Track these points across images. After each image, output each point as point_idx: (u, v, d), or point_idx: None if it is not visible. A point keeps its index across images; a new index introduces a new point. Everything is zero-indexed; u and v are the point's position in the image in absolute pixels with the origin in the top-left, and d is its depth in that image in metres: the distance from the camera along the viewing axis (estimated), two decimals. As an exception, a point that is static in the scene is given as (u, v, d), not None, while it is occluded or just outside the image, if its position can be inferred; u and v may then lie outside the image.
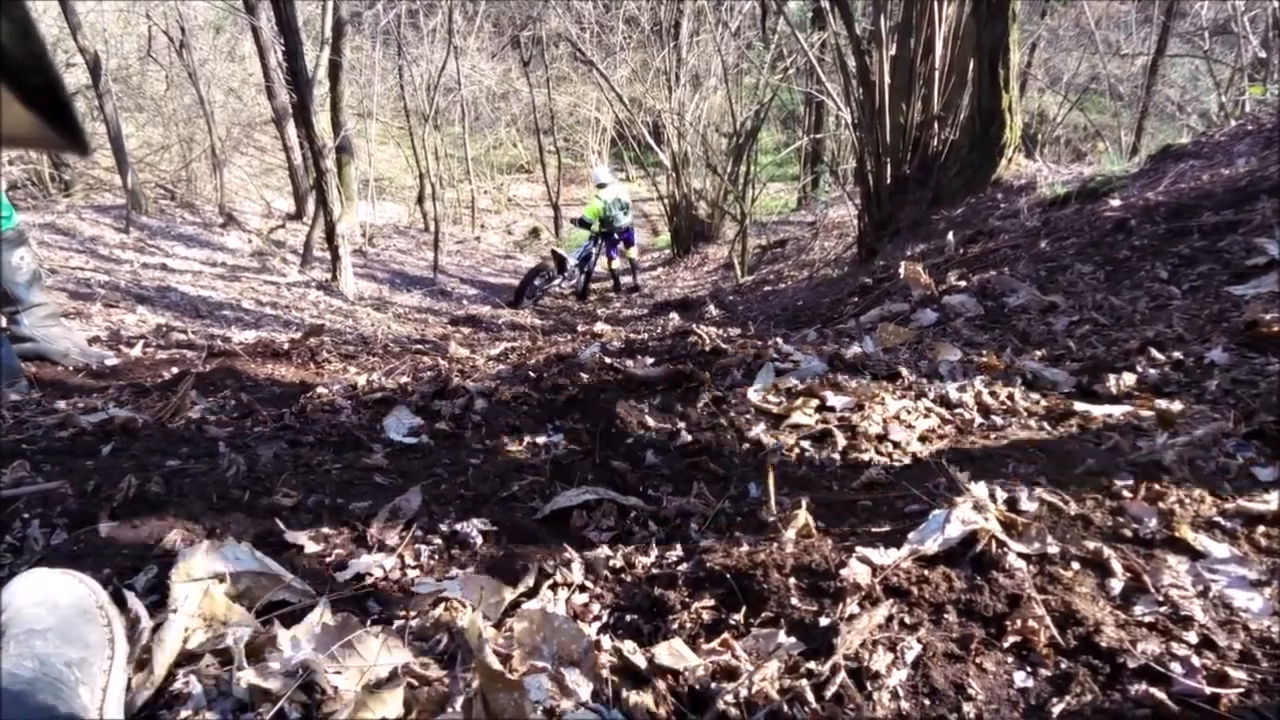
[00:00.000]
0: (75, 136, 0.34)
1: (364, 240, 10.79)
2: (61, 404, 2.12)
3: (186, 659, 0.93)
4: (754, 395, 1.82)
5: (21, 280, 2.78)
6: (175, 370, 2.80)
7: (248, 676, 0.86)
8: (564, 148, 17.72)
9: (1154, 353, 1.94)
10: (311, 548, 1.28)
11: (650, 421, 1.79)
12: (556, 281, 9.22)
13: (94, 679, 0.81)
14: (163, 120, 11.14)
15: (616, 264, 9.88)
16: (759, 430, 1.69)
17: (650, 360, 2.15)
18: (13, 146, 0.34)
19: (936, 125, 5.20)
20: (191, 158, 10.57)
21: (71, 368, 2.84)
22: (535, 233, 16.21)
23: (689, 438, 1.71)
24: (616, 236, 9.65)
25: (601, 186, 9.70)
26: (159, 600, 1.04)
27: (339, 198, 6.91)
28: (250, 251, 8.45)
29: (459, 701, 0.79)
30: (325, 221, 6.87)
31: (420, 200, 13.61)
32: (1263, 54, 7.49)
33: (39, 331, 2.83)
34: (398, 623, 1.00)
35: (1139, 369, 1.88)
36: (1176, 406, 1.56)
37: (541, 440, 1.82)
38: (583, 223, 9.59)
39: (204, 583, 1.02)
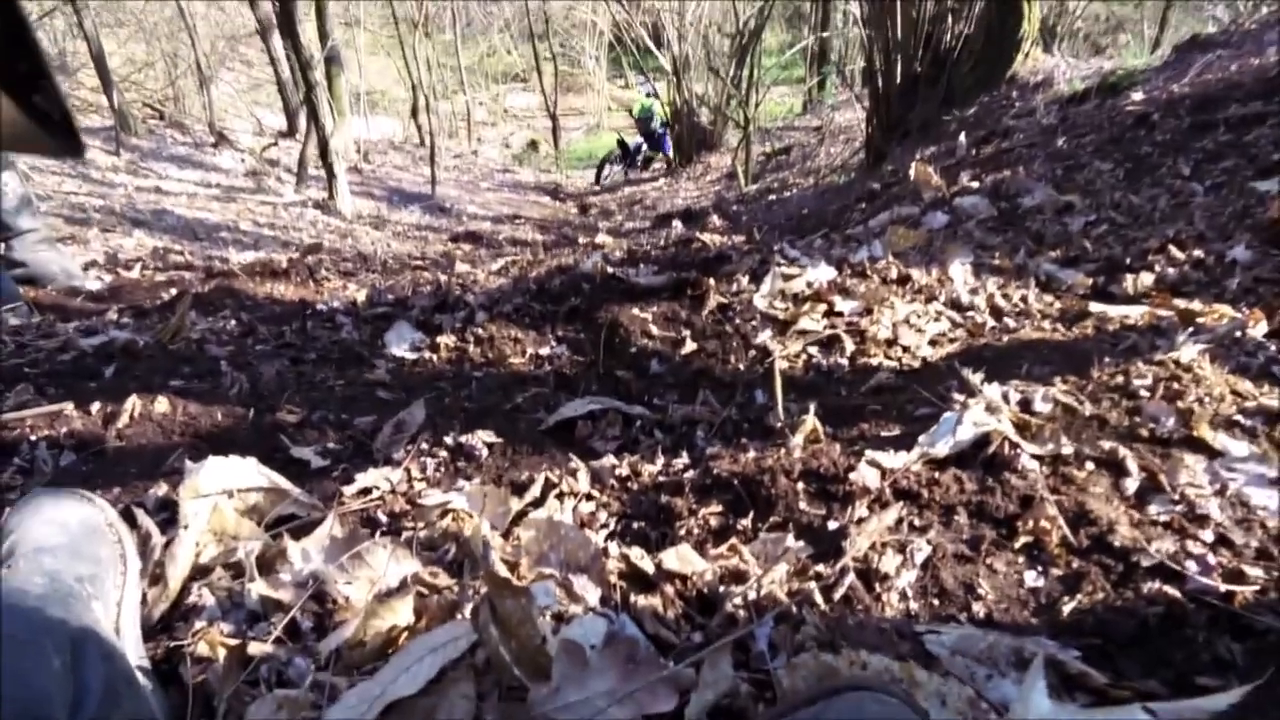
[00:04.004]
0: (71, 141, 0.35)
1: (359, 157, 10.53)
2: (62, 327, 2.10)
3: (199, 573, 0.93)
4: (760, 301, 1.78)
5: (9, 206, 2.73)
6: (174, 291, 2.77)
7: (259, 588, 0.87)
8: (560, 54, 17.08)
9: (1174, 251, 1.89)
10: (317, 463, 1.28)
11: (654, 330, 1.76)
12: (627, 163, 12.42)
13: (107, 594, 0.81)
14: (144, 35, 10.73)
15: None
16: (765, 337, 1.66)
17: (653, 269, 2.11)
18: (10, 150, 0.34)
19: (950, 18, 4.94)
20: (177, 74, 10.22)
21: (64, 291, 2.82)
22: (534, 145, 15.81)
23: (694, 346, 1.69)
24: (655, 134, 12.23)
25: (652, 95, 12.25)
26: (169, 518, 1.04)
27: (330, 112, 6.65)
28: (244, 171, 8.26)
29: (468, 608, 0.79)
30: (318, 138, 6.66)
31: (414, 113, 13.20)
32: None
33: (29, 256, 2.80)
34: (405, 534, 1.00)
35: (1157, 268, 1.83)
36: (1196, 305, 1.52)
37: (545, 352, 1.80)
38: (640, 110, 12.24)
39: (212, 499, 1.02)
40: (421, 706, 0.68)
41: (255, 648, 0.77)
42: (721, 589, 0.81)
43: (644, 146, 12.55)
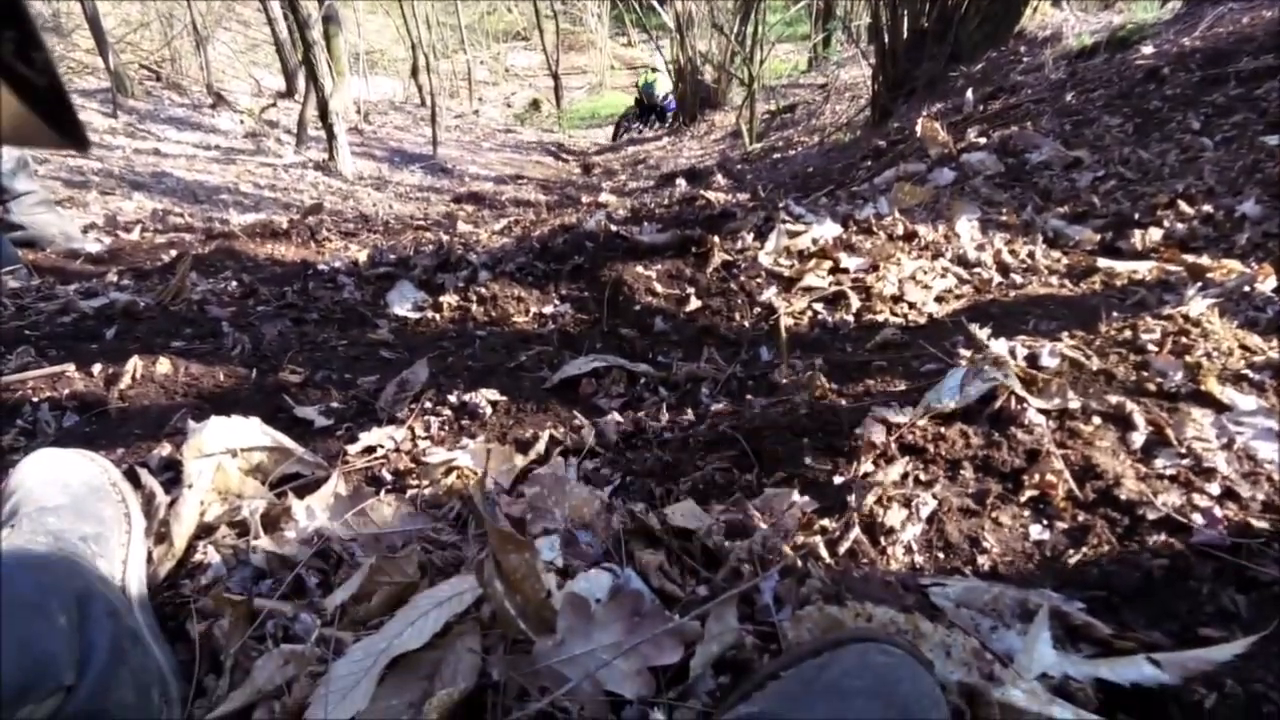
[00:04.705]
0: (76, 134, 0.34)
1: (359, 117, 10.39)
2: (62, 290, 2.09)
3: (204, 531, 0.94)
4: (765, 258, 1.76)
5: (6, 169, 2.71)
6: (174, 253, 2.75)
7: (264, 545, 0.87)
8: (562, 11, 16.77)
9: (1183, 206, 1.86)
10: (321, 422, 1.27)
11: (658, 288, 1.75)
12: (644, 121, 12.74)
13: (112, 552, 0.81)
14: (139, -6, 10.54)
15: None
16: (770, 293, 1.65)
17: (657, 227, 2.09)
18: (13, 145, 0.32)
19: (958, -28, 4.82)
20: (173, 34, 10.05)
21: (64, 254, 2.81)
22: (535, 104, 15.59)
23: (698, 303, 1.67)
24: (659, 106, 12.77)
25: (655, 70, 12.74)
26: (173, 477, 1.04)
27: (329, 72, 6.54)
28: (243, 133, 8.17)
29: (473, 564, 0.79)
30: (317, 98, 6.56)
31: (414, 73, 13.00)
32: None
33: (27, 219, 2.78)
34: (410, 492, 1.00)
35: (1166, 224, 1.81)
36: (1205, 260, 1.50)
37: (548, 310, 1.79)
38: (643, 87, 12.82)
39: (216, 458, 1.02)
40: (427, 660, 0.68)
41: (261, 604, 0.77)
42: (726, 543, 0.81)
43: (653, 116, 12.96)
